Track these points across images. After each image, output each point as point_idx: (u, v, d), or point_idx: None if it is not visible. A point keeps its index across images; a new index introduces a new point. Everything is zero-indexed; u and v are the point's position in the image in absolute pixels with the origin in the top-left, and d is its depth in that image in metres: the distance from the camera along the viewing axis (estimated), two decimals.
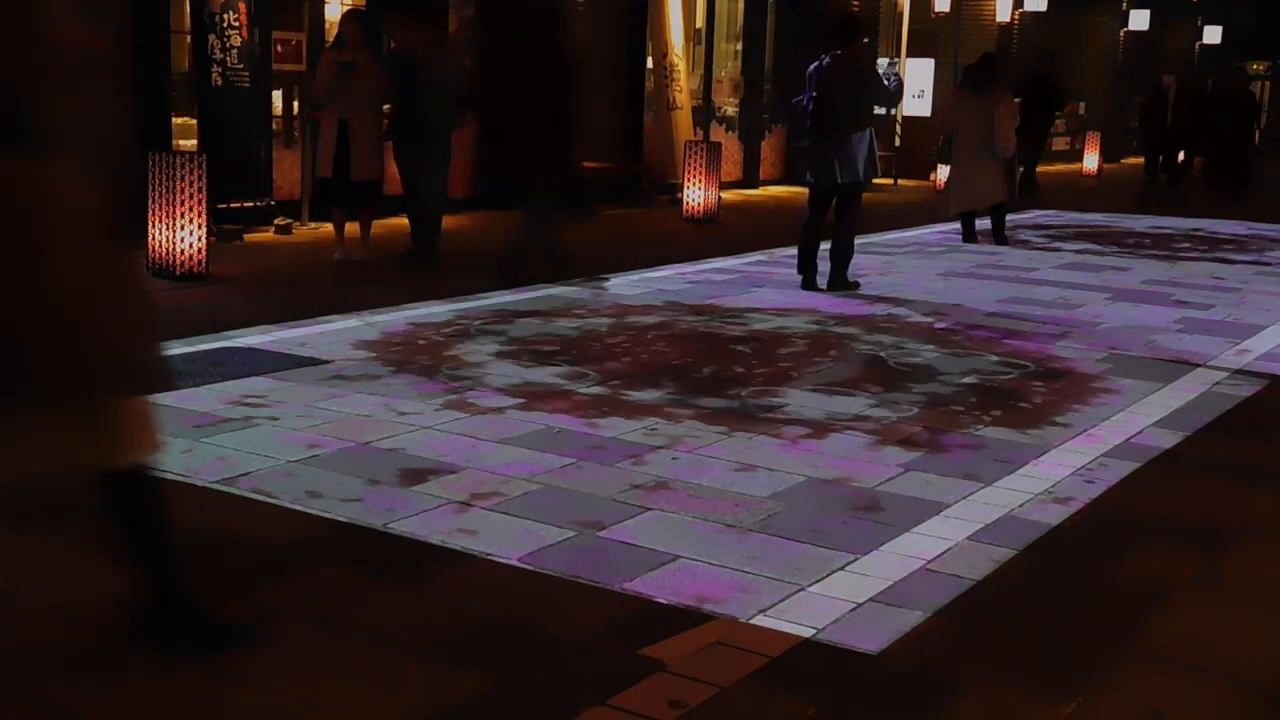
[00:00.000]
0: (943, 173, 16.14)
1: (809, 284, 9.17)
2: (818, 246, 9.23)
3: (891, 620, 3.49)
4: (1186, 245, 12.83)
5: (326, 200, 9.91)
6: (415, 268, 9.33)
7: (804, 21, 17.76)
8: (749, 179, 17.77)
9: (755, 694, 3.06)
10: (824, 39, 9.32)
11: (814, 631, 3.40)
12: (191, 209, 8.38)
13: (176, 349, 6.42)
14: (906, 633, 3.42)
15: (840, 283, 9.15)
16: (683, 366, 6.49)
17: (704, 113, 16.83)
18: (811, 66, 9.11)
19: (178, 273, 8.39)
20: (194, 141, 10.57)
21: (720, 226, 12.96)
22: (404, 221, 9.82)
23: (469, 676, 3.08)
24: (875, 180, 10.22)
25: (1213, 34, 30.65)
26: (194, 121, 10.73)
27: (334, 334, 6.96)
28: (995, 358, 6.98)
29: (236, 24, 10.49)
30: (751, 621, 3.44)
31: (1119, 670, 3.27)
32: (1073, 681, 3.18)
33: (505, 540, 3.95)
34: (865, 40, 9.79)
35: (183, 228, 8.37)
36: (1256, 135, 20.28)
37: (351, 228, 9.64)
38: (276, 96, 11.49)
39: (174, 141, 10.42)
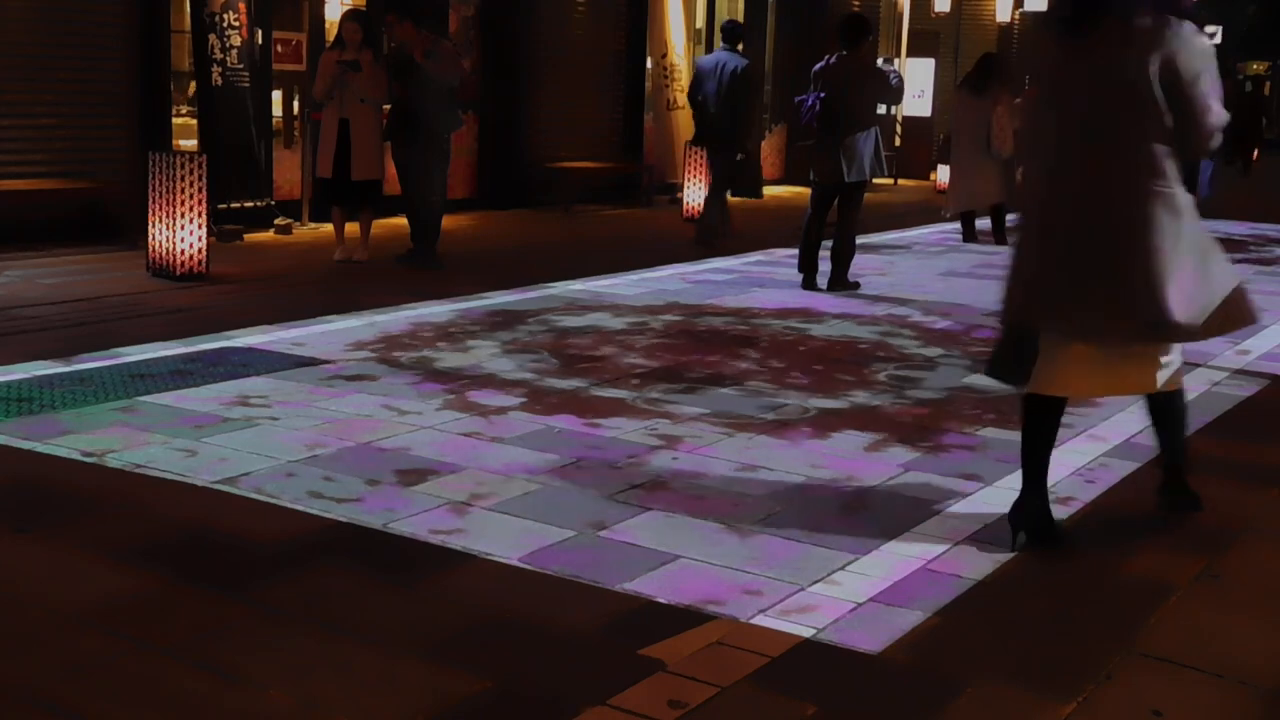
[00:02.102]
0: (943, 173, 16.15)
1: (809, 284, 9.17)
2: (819, 246, 9.23)
3: (891, 620, 3.49)
4: None
5: (326, 200, 9.92)
6: (415, 268, 9.34)
7: (804, 21, 17.75)
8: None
9: (755, 694, 3.06)
10: (830, 38, 9.38)
11: (814, 631, 3.39)
12: (191, 209, 8.38)
13: (176, 349, 6.43)
14: (906, 633, 3.42)
15: (840, 283, 9.15)
16: (683, 366, 6.49)
17: None
18: (817, 66, 9.16)
19: (178, 273, 8.39)
20: (194, 141, 10.57)
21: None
22: (404, 221, 9.82)
23: (469, 676, 3.08)
24: (876, 180, 10.23)
25: (1213, 34, 30.66)
26: (194, 121, 10.73)
27: (334, 334, 6.96)
28: None
29: (236, 24, 10.49)
30: (751, 621, 3.44)
31: (1119, 670, 3.26)
32: (1073, 681, 3.18)
33: (505, 540, 3.95)
34: (871, 39, 9.84)
35: (183, 228, 8.37)
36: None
37: (351, 228, 9.64)
38: (276, 96, 11.49)
39: (174, 141, 10.42)
